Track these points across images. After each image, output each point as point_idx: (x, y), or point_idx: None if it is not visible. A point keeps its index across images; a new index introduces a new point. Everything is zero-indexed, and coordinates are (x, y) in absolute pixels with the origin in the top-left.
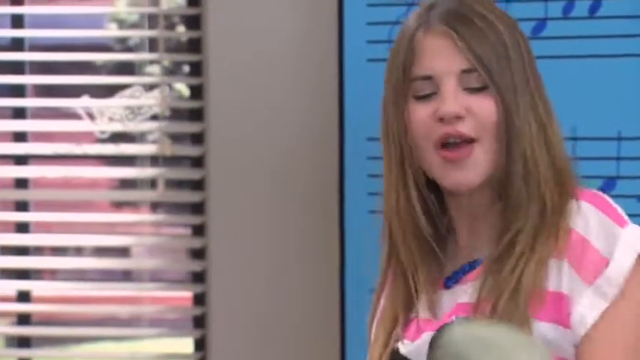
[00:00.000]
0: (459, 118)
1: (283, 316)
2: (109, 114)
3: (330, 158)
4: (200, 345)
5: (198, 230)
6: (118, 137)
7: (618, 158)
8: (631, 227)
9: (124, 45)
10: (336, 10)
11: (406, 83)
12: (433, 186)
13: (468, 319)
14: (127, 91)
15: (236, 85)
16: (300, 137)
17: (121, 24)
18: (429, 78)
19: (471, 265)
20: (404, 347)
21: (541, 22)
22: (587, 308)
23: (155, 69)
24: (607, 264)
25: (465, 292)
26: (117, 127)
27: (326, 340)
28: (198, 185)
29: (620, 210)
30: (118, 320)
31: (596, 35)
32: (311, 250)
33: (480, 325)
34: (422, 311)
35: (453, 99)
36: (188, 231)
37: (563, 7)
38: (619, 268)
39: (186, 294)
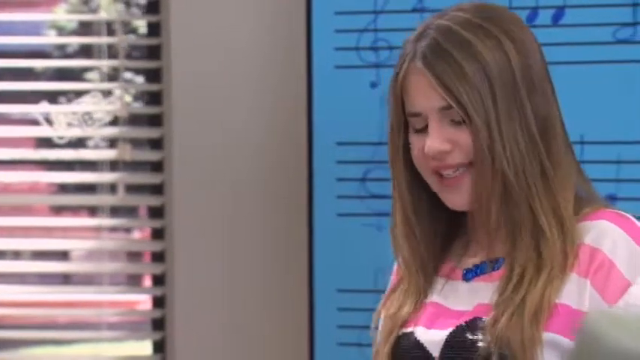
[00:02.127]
0: (444, 152)
1: (247, 319)
2: (67, 120)
3: (299, 162)
4: (159, 347)
5: (158, 234)
6: (76, 142)
7: (581, 162)
8: None
9: (62, 52)
10: (304, 17)
11: (404, 117)
12: None
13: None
14: (86, 97)
15: (198, 91)
16: (269, 142)
17: (60, 31)
18: (419, 114)
19: (493, 264)
20: (421, 334)
21: None
22: None
23: (95, 75)
24: (629, 287)
25: (484, 293)
26: (75, 132)
27: (294, 341)
28: (157, 190)
29: None
30: (77, 324)
31: (559, 43)
32: (279, 253)
33: (617, 309)
34: (436, 296)
35: (435, 136)
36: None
37: (527, 16)
38: (639, 293)
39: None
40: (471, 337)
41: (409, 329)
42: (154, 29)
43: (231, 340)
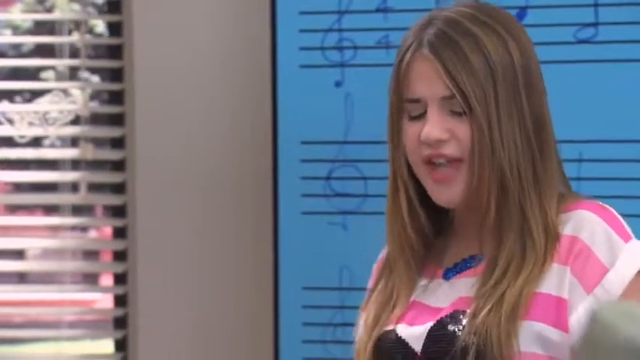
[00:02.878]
0: (441, 141)
1: (212, 317)
2: (28, 119)
3: (264, 161)
4: (121, 346)
5: (120, 232)
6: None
7: None
8: (634, 242)
9: (17, 51)
10: (268, 17)
11: (401, 103)
12: None
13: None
14: (47, 96)
15: (162, 91)
16: (234, 141)
17: (15, 30)
18: (418, 100)
19: (472, 260)
20: (403, 330)
21: None
22: (584, 315)
23: (54, 75)
24: (606, 273)
25: (463, 288)
26: (37, 131)
27: (259, 339)
28: (119, 189)
29: (625, 224)
30: (38, 322)
31: None
32: (244, 251)
33: (627, 303)
34: (418, 296)
35: (435, 124)
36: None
37: None
38: (618, 279)
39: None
40: (452, 328)
41: (390, 327)
42: (115, 29)
43: (195, 337)
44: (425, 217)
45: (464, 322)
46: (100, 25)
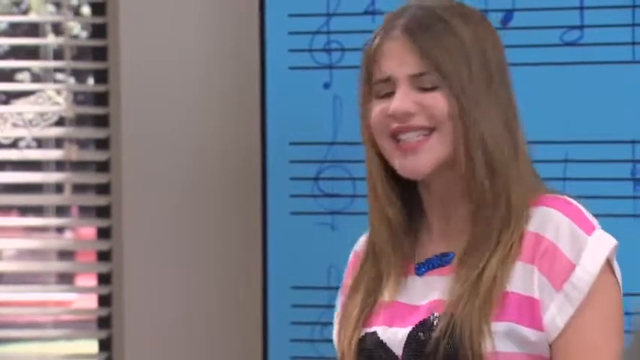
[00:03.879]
0: (409, 114)
1: (200, 316)
2: (12, 120)
3: (253, 162)
4: (105, 346)
5: (105, 233)
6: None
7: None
8: (597, 234)
9: None
10: (257, 19)
11: (369, 86)
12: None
13: None
14: (31, 97)
15: (148, 92)
16: (223, 142)
17: None
18: (387, 80)
19: (444, 257)
20: (383, 332)
21: None
22: (556, 313)
23: (26, 76)
24: (574, 269)
25: (438, 287)
26: (21, 132)
27: (248, 338)
28: (104, 189)
29: (589, 216)
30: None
31: (508, 45)
32: (233, 251)
33: None
34: (388, 294)
35: (403, 97)
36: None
37: None
38: (585, 274)
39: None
40: (426, 336)
41: (372, 329)
42: (99, 31)
43: (182, 336)
44: (399, 208)
45: (441, 325)
46: (77, 27)
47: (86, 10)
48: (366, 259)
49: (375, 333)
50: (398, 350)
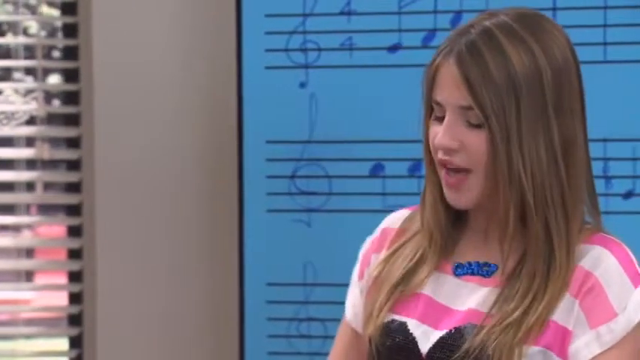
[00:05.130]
0: (450, 149)
1: (176, 313)
2: None
3: (229, 160)
4: (76, 343)
5: (76, 231)
6: None
7: None
8: None
9: None
10: (234, 19)
11: (430, 102)
12: None
13: None
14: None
15: (122, 91)
16: (200, 141)
17: None
18: (440, 104)
19: (486, 267)
20: (414, 327)
21: (430, 33)
22: (583, 346)
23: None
24: (615, 316)
25: (476, 295)
26: None
27: (224, 334)
28: (75, 188)
29: (637, 265)
30: None
31: None
32: (210, 249)
33: None
34: (423, 286)
35: (447, 132)
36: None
37: (451, 19)
38: (625, 323)
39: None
40: (462, 342)
41: (402, 318)
42: (70, 30)
43: (157, 333)
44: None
45: (476, 338)
46: (33, 27)
47: (45, 9)
48: (410, 240)
49: (405, 324)
50: (424, 349)
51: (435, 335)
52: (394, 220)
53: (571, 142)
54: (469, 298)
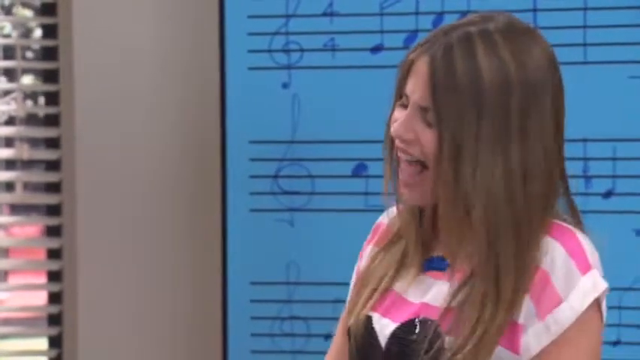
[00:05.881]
0: (405, 140)
1: (159, 312)
2: None
3: (213, 160)
4: (55, 343)
5: (55, 231)
6: None
7: None
8: (591, 275)
9: None
10: (217, 21)
11: (400, 90)
12: None
13: None
14: None
15: (102, 92)
16: (183, 141)
17: None
18: (406, 94)
19: (443, 261)
20: (377, 320)
21: (412, 34)
22: (532, 339)
23: None
24: (560, 304)
25: (435, 289)
26: None
27: (207, 333)
28: (55, 188)
29: (589, 253)
30: None
31: None
32: (193, 248)
33: None
34: (398, 285)
35: (403, 123)
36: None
37: (433, 20)
38: (568, 311)
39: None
40: (410, 336)
41: (370, 313)
42: (50, 31)
43: (140, 332)
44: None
45: (428, 333)
46: (7, 27)
47: (20, 10)
48: (397, 240)
49: (370, 318)
50: (383, 342)
51: (390, 328)
52: (386, 216)
53: (532, 169)
54: (426, 292)
